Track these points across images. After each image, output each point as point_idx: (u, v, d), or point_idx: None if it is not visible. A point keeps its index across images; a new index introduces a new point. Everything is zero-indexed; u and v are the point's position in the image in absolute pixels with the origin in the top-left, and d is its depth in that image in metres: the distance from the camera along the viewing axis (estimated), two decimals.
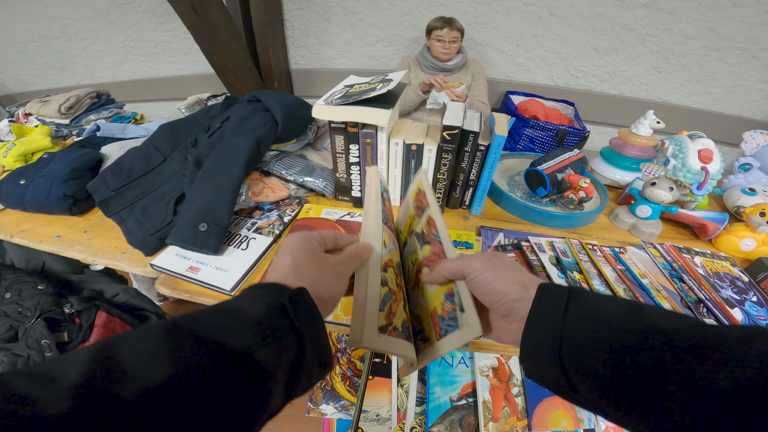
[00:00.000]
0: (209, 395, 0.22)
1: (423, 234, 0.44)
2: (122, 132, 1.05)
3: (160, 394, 0.20)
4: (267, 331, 0.26)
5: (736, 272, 0.72)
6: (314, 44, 2.21)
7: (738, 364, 0.21)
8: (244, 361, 0.24)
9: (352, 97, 0.67)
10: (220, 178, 0.70)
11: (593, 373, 0.26)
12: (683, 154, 0.86)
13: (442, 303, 0.38)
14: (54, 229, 0.76)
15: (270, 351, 0.26)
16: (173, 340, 0.23)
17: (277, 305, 0.28)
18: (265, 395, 0.25)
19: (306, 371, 0.28)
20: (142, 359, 0.21)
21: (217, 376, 0.23)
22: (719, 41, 1.75)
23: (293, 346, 0.27)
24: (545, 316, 0.29)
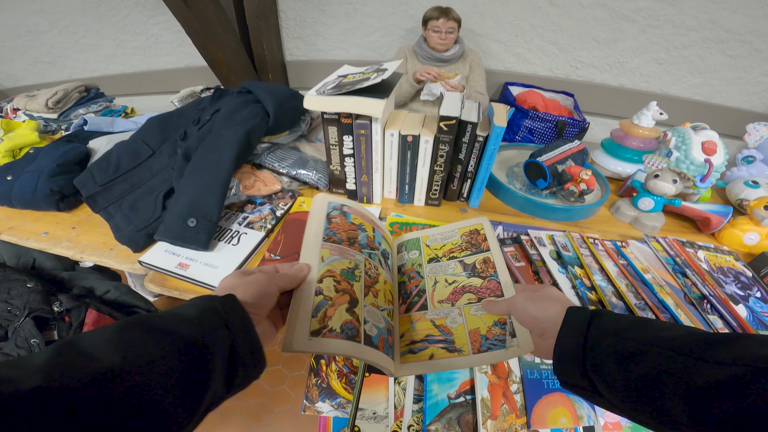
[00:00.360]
0: (157, 377, 0.26)
1: (475, 268, 0.54)
2: (110, 126, 1.02)
3: (114, 375, 0.24)
4: (205, 325, 0.31)
5: (740, 267, 0.71)
6: (309, 35, 2.17)
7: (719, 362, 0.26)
8: (187, 349, 0.29)
9: (345, 87, 0.65)
10: (209, 172, 0.68)
11: (609, 378, 0.31)
12: (686, 145, 0.85)
13: (489, 327, 0.47)
14: (42, 226, 0.75)
15: (208, 342, 0.30)
16: (126, 332, 0.28)
17: (209, 307, 0.33)
18: (205, 381, 0.29)
19: (241, 363, 0.32)
20: (98, 346, 0.25)
21: (163, 360, 0.27)
22: (721, 33, 1.73)
23: (226, 339, 0.32)
24: (572, 333, 0.35)
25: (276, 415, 1.21)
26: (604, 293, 0.59)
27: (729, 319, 0.58)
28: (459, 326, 0.49)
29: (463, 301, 0.51)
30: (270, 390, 1.28)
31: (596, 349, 0.33)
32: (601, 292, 0.59)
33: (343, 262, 0.48)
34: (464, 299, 0.51)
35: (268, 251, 0.66)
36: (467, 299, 0.51)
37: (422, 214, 0.78)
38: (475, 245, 0.58)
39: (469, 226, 0.61)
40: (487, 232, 0.58)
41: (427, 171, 0.74)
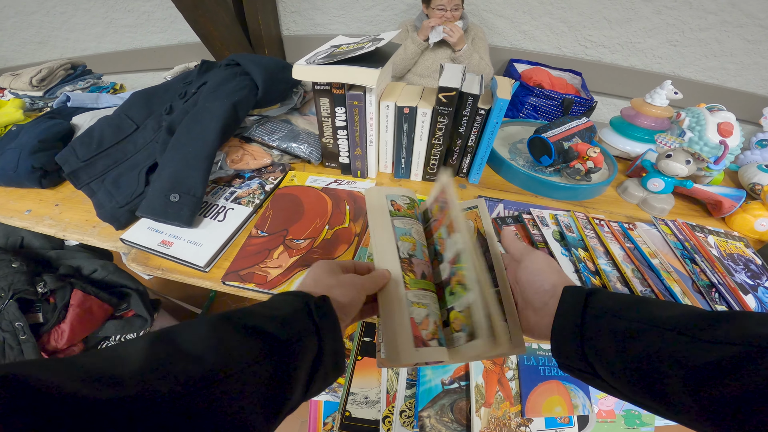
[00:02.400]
0: (251, 378, 0.25)
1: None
2: (95, 101, 0.99)
3: (212, 376, 0.23)
4: (295, 329, 0.30)
5: (750, 254, 0.68)
6: (307, 9, 2.10)
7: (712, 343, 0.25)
8: (277, 352, 0.28)
9: (337, 57, 0.61)
10: (192, 145, 0.64)
11: (607, 359, 0.30)
12: (701, 126, 0.81)
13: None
14: (25, 204, 0.73)
15: (297, 348, 0.29)
16: (221, 330, 0.27)
17: (303, 308, 0.32)
18: (289, 389, 0.28)
19: (322, 371, 0.32)
20: (197, 345, 0.25)
21: (258, 361, 0.26)
22: (740, 17, 1.68)
23: (314, 346, 0.31)
24: (568, 314, 0.34)
25: None
26: (608, 278, 0.56)
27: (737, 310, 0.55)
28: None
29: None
30: None
31: (593, 329, 0.32)
32: (605, 276, 0.56)
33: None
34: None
35: (256, 227, 0.63)
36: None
37: (419, 189, 0.75)
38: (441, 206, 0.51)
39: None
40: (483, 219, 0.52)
41: (424, 145, 0.70)
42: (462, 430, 0.67)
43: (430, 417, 0.67)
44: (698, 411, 0.25)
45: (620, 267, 0.58)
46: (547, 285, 0.38)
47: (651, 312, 0.30)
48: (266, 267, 0.57)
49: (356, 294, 0.37)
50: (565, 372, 0.36)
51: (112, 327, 0.90)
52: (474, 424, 0.66)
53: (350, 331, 0.86)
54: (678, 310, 0.30)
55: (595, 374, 0.32)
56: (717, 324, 0.26)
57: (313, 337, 0.31)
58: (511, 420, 0.68)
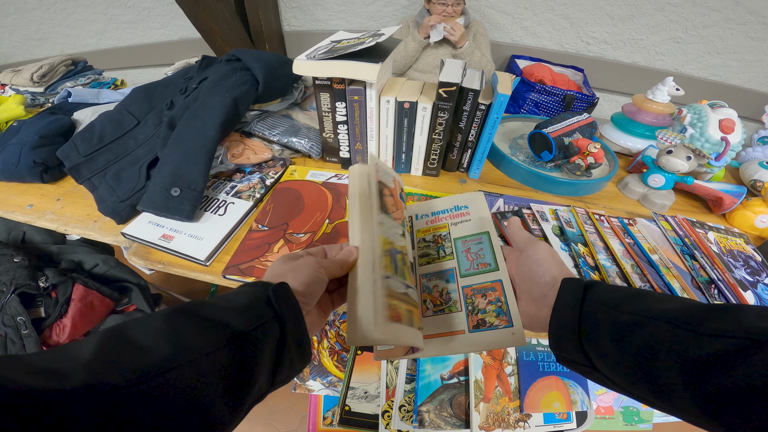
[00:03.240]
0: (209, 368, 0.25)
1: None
2: (96, 97, 1.00)
3: (164, 369, 0.23)
4: (255, 317, 0.30)
5: (750, 251, 0.68)
6: (308, 4, 2.10)
7: (711, 336, 0.25)
8: (235, 341, 0.27)
9: (337, 52, 0.61)
10: (193, 140, 0.64)
11: (605, 352, 0.30)
12: (702, 123, 0.81)
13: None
14: (27, 198, 0.73)
15: (258, 335, 0.29)
16: (175, 321, 0.26)
17: (262, 296, 0.32)
18: (251, 376, 0.28)
19: (287, 357, 0.31)
20: (147, 336, 0.25)
21: (213, 354, 0.26)
22: (744, 15, 1.67)
23: (276, 331, 0.30)
24: (567, 306, 0.34)
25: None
26: (608, 273, 0.56)
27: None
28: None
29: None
30: None
31: (591, 321, 0.32)
32: (605, 272, 0.56)
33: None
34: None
35: (256, 222, 0.63)
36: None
37: (419, 184, 0.75)
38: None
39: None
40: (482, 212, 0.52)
41: (425, 140, 0.70)
42: (461, 424, 0.67)
43: (429, 411, 0.68)
44: (695, 404, 0.25)
45: (620, 262, 0.58)
46: (547, 277, 0.37)
47: (649, 304, 0.30)
48: (267, 261, 0.57)
49: (312, 274, 0.36)
50: (563, 365, 0.35)
51: (113, 322, 0.91)
52: (473, 418, 0.67)
53: None
54: (676, 303, 0.30)
55: (592, 367, 0.32)
56: (714, 316, 0.26)
57: (274, 322, 0.30)
58: (509, 415, 0.68)
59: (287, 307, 0.32)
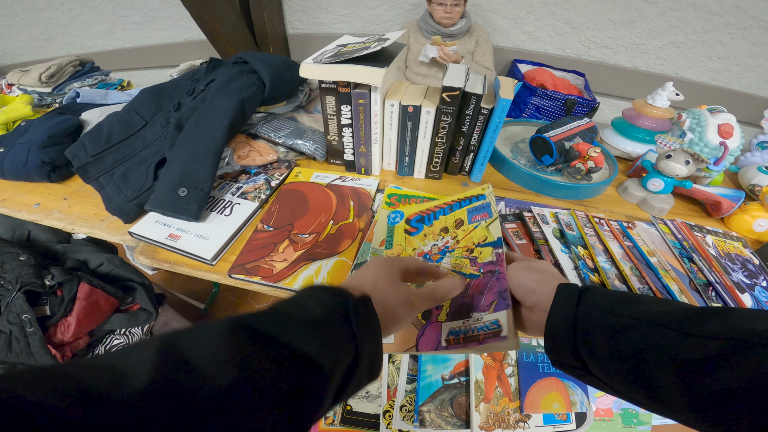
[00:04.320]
0: (271, 397, 0.23)
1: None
2: (104, 98, 1.01)
3: (227, 396, 0.21)
4: (329, 335, 0.28)
5: (748, 254, 0.68)
6: (312, 8, 2.12)
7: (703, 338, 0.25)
8: (305, 365, 0.25)
9: (343, 56, 0.62)
10: (201, 141, 0.65)
11: (599, 355, 0.31)
12: (701, 127, 0.82)
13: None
14: (34, 197, 0.74)
15: (329, 356, 0.27)
16: (236, 342, 0.24)
17: (340, 310, 0.29)
18: (320, 399, 0.26)
19: (356, 380, 0.30)
20: (208, 361, 0.22)
21: (280, 378, 0.24)
22: (745, 20, 1.68)
23: (350, 353, 0.29)
24: (562, 310, 0.34)
25: None
26: (607, 276, 0.57)
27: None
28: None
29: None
30: None
31: (586, 325, 0.32)
32: (604, 274, 0.57)
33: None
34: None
35: (261, 222, 0.64)
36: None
37: (422, 186, 0.76)
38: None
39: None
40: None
41: (428, 143, 0.71)
42: (461, 424, 0.68)
43: (430, 411, 0.68)
44: (688, 406, 0.25)
45: (619, 265, 0.59)
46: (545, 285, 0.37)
47: (642, 308, 0.30)
48: (272, 261, 0.58)
49: (411, 313, 0.35)
50: (557, 369, 0.36)
51: (117, 320, 0.92)
52: (473, 419, 0.68)
53: None
54: (669, 306, 0.30)
55: (587, 371, 0.32)
56: (705, 319, 0.27)
57: (350, 344, 0.28)
58: (509, 416, 0.69)
59: (365, 327, 0.30)
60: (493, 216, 0.51)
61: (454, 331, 0.41)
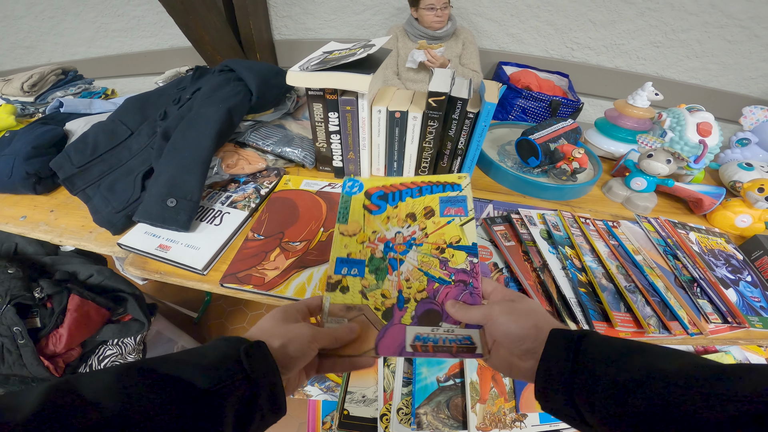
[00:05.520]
0: (161, 425, 0.24)
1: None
2: (88, 107, 0.99)
3: (115, 425, 0.22)
4: (221, 375, 0.29)
5: (731, 250, 0.70)
6: (298, 13, 2.11)
7: (725, 399, 0.23)
8: (197, 399, 0.27)
9: (330, 63, 0.62)
10: (188, 150, 0.65)
11: (601, 410, 0.29)
12: (681, 126, 0.84)
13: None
14: (20, 210, 0.73)
15: (222, 393, 0.28)
16: (126, 379, 0.26)
17: (232, 355, 0.31)
18: (215, 429, 0.27)
19: (258, 416, 0.31)
20: (97, 392, 0.24)
21: (168, 408, 0.25)
22: (721, 18, 1.72)
23: (244, 392, 0.30)
24: (557, 358, 0.32)
25: None
26: (594, 275, 0.58)
27: (718, 304, 0.57)
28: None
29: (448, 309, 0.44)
30: None
31: (586, 376, 0.30)
32: (591, 273, 0.58)
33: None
34: (448, 307, 0.43)
35: (252, 231, 0.64)
36: (450, 306, 0.44)
37: None
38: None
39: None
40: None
41: (415, 148, 0.72)
42: (458, 426, 0.68)
43: (426, 414, 0.69)
44: None
45: (605, 264, 0.60)
46: (536, 342, 0.35)
47: (651, 361, 0.29)
48: (263, 269, 0.58)
49: (302, 348, 0.35)
50: (547, 413, 0.34)
51: (109, 331, 0.91)
52: (470, 420, 0.68)
53: None
54: (683, 360, 0.28)
55: (583, 421, 0.31)
56: (731, 377, 0.25)
57: (243, 383, 0.30)
58: (506, 415, 0.69)
59: (260, 369, 0.31)
60: (468, 215, 0.47)
61: (422, 338, 0.40)
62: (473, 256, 0.44)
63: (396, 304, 0.42)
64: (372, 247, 0.46)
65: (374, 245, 0.46)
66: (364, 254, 0.45)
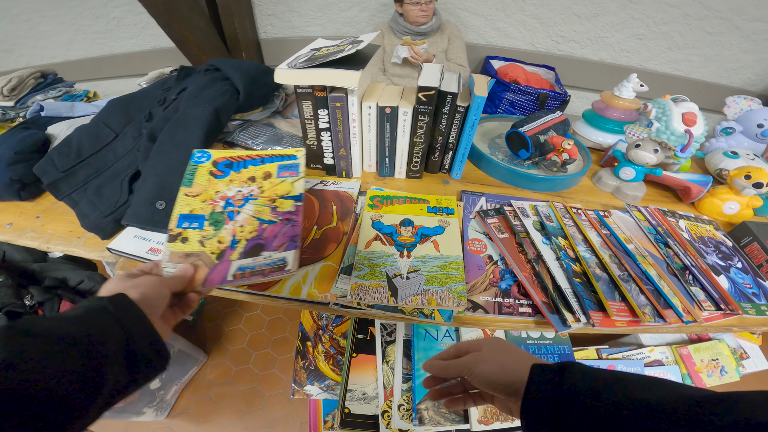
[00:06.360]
0: (47, 371, 0.27)
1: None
2: (70, 110, 0.97)
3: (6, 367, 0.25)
4: (91, 323, 0.31)
5: (720, 236, 0.72)
6: (283, 12, 2.09)
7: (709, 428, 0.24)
8: (71, 346, 0.29)
9: (318, 60, 0.62)
10: (176, 152, 0.64)
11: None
12: (667, 116, 0.85)
13: None
14: (6, 217, 0.71)
15: (96, 338, 0.30)
16: (5, 336, 0.27)
17: (96, 306, 0.33)
18: (100, 373, 0.29)
19: (142, 357, 0.33)
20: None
21: (48, 358, 0.27)
22: (701, 10, 1.75)
23: (119, 334, 0.32)
24: (540, 395, 0.33)
25: (268, 399, 1.21)
26: (588, 264, 0.58)
27: (711, 291, 0.58)
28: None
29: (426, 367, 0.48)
30: (260, 374, 1.27)
31: (569, 411, 0.30)
32: (585, 263, 0.59)
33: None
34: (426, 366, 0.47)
35: None
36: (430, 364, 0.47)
37: (403, 186, 0.76)
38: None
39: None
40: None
41: (407, 143, 0.72)
42: (460, 420, 0.69)
43: (428, 409, 0.69)
44: None
45: (598, 253, 0.61)
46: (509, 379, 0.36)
47: (633, 393, 0.29)
48: None
49: (154, 290, 0.38)
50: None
51: None
52: (471, 413, 0.69)
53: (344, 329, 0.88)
54: (663, 390, 0.29)
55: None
56: (707, 407, 0.25)
57: (115, 326, 0.32)
58: None
59: (127, 314, 0.33)
60: (300, 175, 0.56)
61: (242, 267, 0.46)
62: (298, 202, 0.53)
63: (229, 246, 0.48)
64: (213, 204, 0.53)
65: (215, 202, 0.53)
66: (206, 210, 0.52)
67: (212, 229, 0.50)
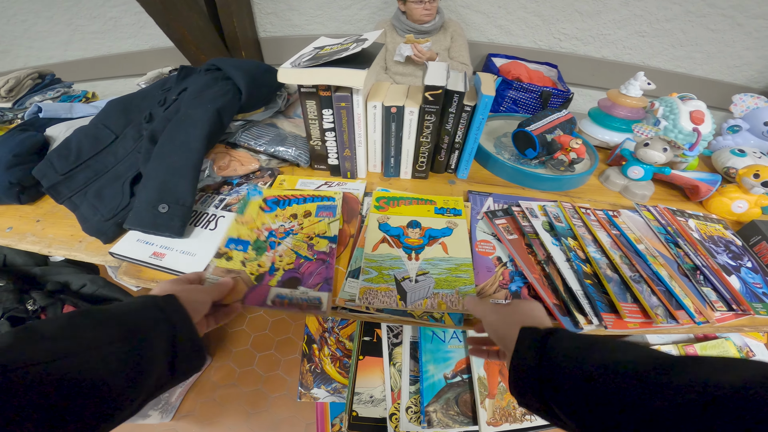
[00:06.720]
0: (103, 357, 0.30)
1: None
2: (69, 111, 0.96)
3: (67, 354, 0.28)
4: (146, 316, 0.36)
5: (729, 236, 0.71)
6: (283, 10, 2.07)
7: (670, 388, 0.25)
8: (129, 335, 0.33)
9: (322, 59, 0.61)
10: (178, 154, 0.63)
11: (565, 402, 0.31)
12: (674, 115, 0.84)
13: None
14: (6, 221, 0.70)
15: (148, 331, 0.34)
16: (76, 319, 0.32)
17: (151, 302, 0.38)
18: (147, 364, 0.33)
19: (182, 354, 0.37)
20: (52, 331, 0.30)
21: (108, 344, 0.31)
22: (703, 7, 1.74)
23: (167, 332, 0.36)
24: (526, 355, 0.35)
25: (273, 400, 1.21)
26: (599, 265, 0.58)
27: (723, 292, 0.57)
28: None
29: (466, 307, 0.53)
30: (265, 375, 1.27)
31: (551, 371, 0.32)
32: (596, 264, 0.58)
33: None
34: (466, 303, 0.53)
35: None
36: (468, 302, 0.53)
37: (409, 187, 0.75)
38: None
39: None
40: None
41: (412, 143, 0.71)
42: (468, 421, 0.68)
43: (436, 411, 0.68)
44: None
45: (609, 254, 0.60)
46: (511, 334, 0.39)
47: (608, 355, 0.31)
48: None
49: (199, 297, 0.43)
50: (523, 408, 0.36)
51: None
52: (480, 415, 0.68)
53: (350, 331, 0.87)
54: (634, 353, 0.30)
55: (553, 414, 0.33)
56: (677, 369, 0.26)
57: (164, 323, 0.36)
58: (515, 409, 0.69)
59: (176, 313, 0.38)
60: (336, 216, 0.63)
61: (281, 296, 0.51)
62: (333, 243, 0.59)
63: (268, 271, 0.55)
64: (259, 233, 0.60)
65: (260, 232, 0.61)
66: (251, 237, 0.59)
67: (254, 253, 0.57)
